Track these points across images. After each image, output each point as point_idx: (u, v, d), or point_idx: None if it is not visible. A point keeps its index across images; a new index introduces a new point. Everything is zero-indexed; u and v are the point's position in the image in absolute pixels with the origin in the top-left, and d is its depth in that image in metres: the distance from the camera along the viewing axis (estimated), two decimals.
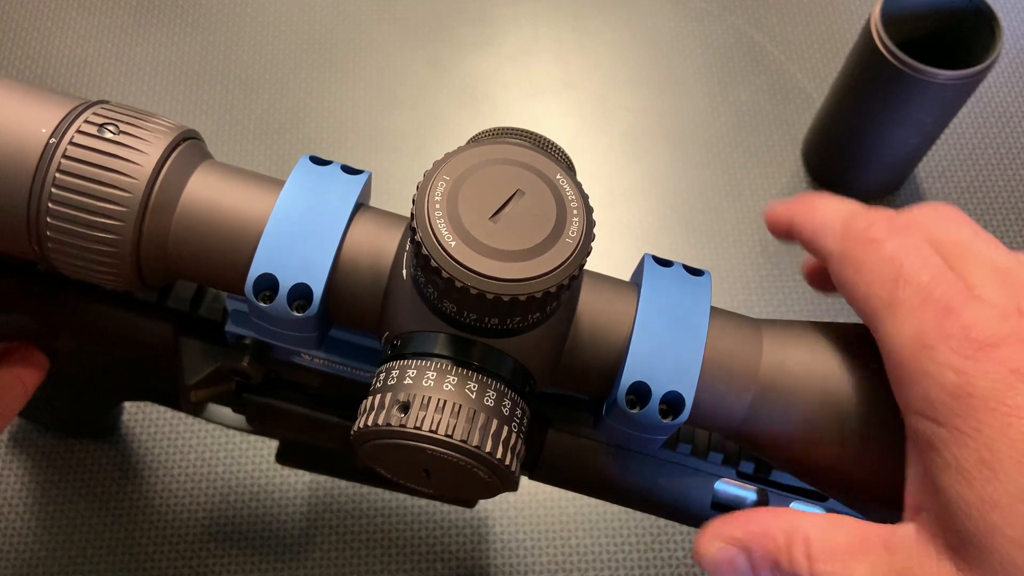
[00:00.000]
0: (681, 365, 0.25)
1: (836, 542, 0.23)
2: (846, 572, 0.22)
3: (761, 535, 0.24)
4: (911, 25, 0.52)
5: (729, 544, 0.25)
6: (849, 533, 0.23)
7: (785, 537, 0.23)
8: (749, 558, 0.24)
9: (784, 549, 0.23)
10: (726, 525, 0.25)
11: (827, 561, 0.22)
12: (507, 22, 0.67)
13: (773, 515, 0.24)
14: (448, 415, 0.23)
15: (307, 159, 0.27)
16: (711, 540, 0.25)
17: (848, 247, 0.25)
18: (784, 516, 0.24)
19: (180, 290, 0.31)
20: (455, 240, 0.22)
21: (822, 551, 0.23)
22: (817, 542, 0.23)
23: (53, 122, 0.25)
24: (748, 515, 0.25)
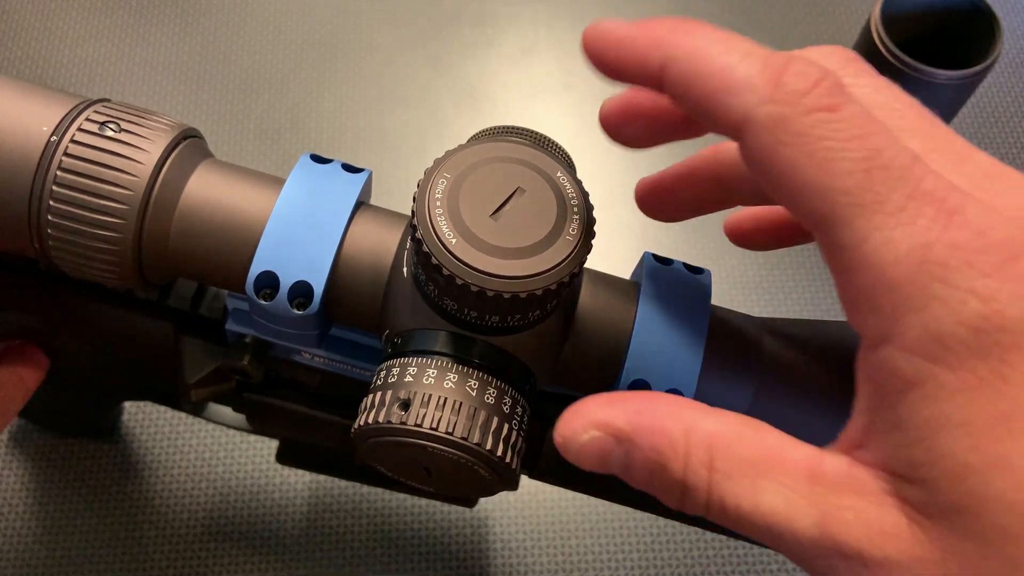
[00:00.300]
0: (681, 363, 0.25)
1: (747, 454, 0.18)
2: (755, 494, 0.18)
3: (652, 431, 0.19)
4: (911, 25, 0.52)
5: (607, 435, 0.19)
6: (764, 446, 0.18)
7: (683, 437, 0.19)
8: (628, 456, 0.19)
9: (680, 453, 0.18)
10: (607, 408, 0.20)
11: (733, 476, 0.18)
12: (507, 22, 0.67)
13: (672, 407, 0.19)
14: (449, 412, 0.23)
15: (308, 157, 0.27)
16: (583, 426, 0.20)
17: (788, 113, 0.17)
18: (685, 410, 0.19)
19: (180, 288, 0.31)
20: (456, 237, 0.22)
21: (728, 462, 0.18)
22: (723, 450, 0.18)
23: (54, 120, 0.25)
24: (637, 400, 0.20)
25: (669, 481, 0.19)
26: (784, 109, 0.17)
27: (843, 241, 0.17)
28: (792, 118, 0.17)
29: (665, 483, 0.19)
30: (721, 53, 0.18)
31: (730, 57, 0.18)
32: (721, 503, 0.18)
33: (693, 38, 0.19)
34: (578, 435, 0.20)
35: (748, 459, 0.18)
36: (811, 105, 0.17)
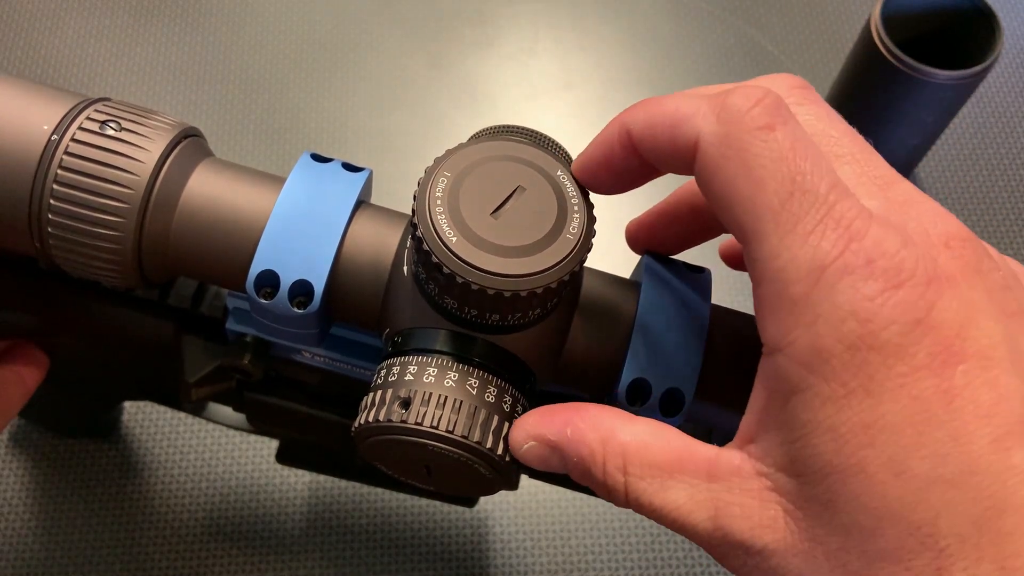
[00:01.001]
0: (681, 362, 0.25)
1: (655, 458, 0.21)
2: (662, 493, 0.20)
3: (575, 442, 0.22)
4: (911, 25, 0.52)
5: (543, 445, 0.22)
6: (670, 449, 0.21)
7: (600, 448, 0.21)
8: (562, 461, 0.22)
9: (599, 461, 0.21)
10: (539, 423, 0.23)
11: (644, 477, 0.21)
12: (507, 22, 0.67)
13: (590, 419, 0.22)
14: (449, 411, 0.23)
15: (308, 156, 0.27)
16: (523, 438, 0.23)
17: (731, 131, 0.19)
18: (602, 421, 0.22)
19: (181, 288, 0.31)
20: (456, 236, 0.22)
21: (639, 466, 0.21)
22: (634, 455, 0.21)
23: (55, 119, 0.25)
24: (564, 415, 0.22)
25: (595, 483, 0.22)
26: (728, 128, 0.19)
27: (759, 254, 0.19)
28: (734, 135, 0.19)
29: (592, 484, 0.22)
30: (669, 101, 0.21)
31: (679, 100, 0.21)
32: (637, 500, 0.21)
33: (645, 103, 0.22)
34: (520, 444, 0.23)
35: (656, 462, 0.21)
36: (750, 123, 0.19)
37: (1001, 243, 0.59)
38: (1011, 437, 0.17)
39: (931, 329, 0.18)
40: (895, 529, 0.17)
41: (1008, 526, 0.17)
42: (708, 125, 0.20)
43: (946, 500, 0.17)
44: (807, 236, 0.18)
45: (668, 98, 0.21)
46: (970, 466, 0.17)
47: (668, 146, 0.21)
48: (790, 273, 0.18)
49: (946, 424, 0.17)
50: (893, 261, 0.18)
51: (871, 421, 0.18)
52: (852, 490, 0.18)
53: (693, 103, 0.20)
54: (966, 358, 0.18)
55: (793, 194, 0.18)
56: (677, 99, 0.21)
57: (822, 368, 0.18)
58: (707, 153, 0.20)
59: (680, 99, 0.21)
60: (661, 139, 0.21)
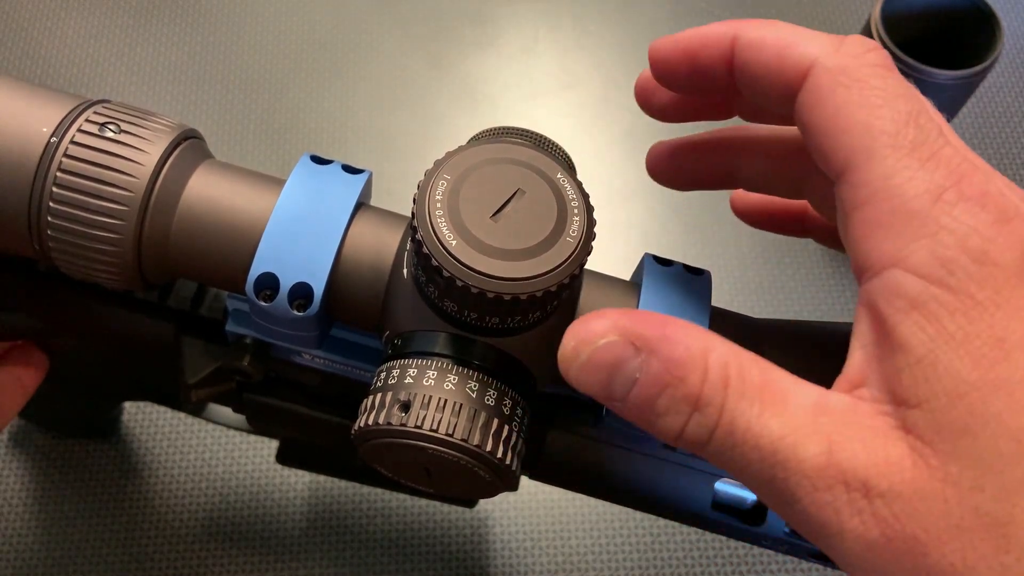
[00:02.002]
0: None
1: (759, 381, 0.19)
2: (764, 417, 0.18)
3: (675, 342, 0.19)
4: (911, 25, 0.52)
5: (628, 341, 0.19)
6: (774, 378, 0.19)
7: (703, 355, 0.19)
8: (642, 367, 0.19)
9: (698, 367, 0.19)
10: (632, 317, 0.19)
11: (743, 398, 0.18)
12: (507, 22, 0.67)
13: (691, 327, 0.20)
14: (449, 414, 0.23)
15: (308, 158, 0.27)
16: (605, 330, 0.19)
17: (852, 64, 0.20)
18: (703, 333, 0.19)
19: (181, 289, 0.31)
20: (456, 239, 0.22)
21: (741, 385, 0.19)
22: (738, 373, 0.19)
23: (54, 121, 0.25)
24: (659, 316, 0.20)
25: (683, 396, 0.19)
26: (848, 60, 0.20)
27: (872, 175, 0.19)
28: (854, 68, 0.20)
29: (675, 400, 0.19)
30: (782, 27, 0.22)
31: (791, 29, 0.21)
32: (732, 422, 0.18)
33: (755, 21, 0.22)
34: (595, 338, 0.19)
35: (760, 384, 0.19)
36: (870, 61, 0.20)
37: None
38: None
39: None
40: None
41: None
42: (827, 54, 0.20)
43: None
44: (924, 162, 0.19)
45: (783, 24, 0.22)
46: None
47: (773, 64, 0.21)
48: (907, 189, 0.18)
49: None
50: (1001, 200, 0.18)
51: (1004, 335, 0.17)
52: (993, 409, 0.17)
53: (810, 34, 0.21)
54: None
55: (909, 124, 0.19)
56: (793, 27, 0.22)
57: (949, 278, 0.18)
58: (822, 80, 0.20)
59: (796, 28, 0.22)
60: (768, 54, 0.21)
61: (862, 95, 0.20)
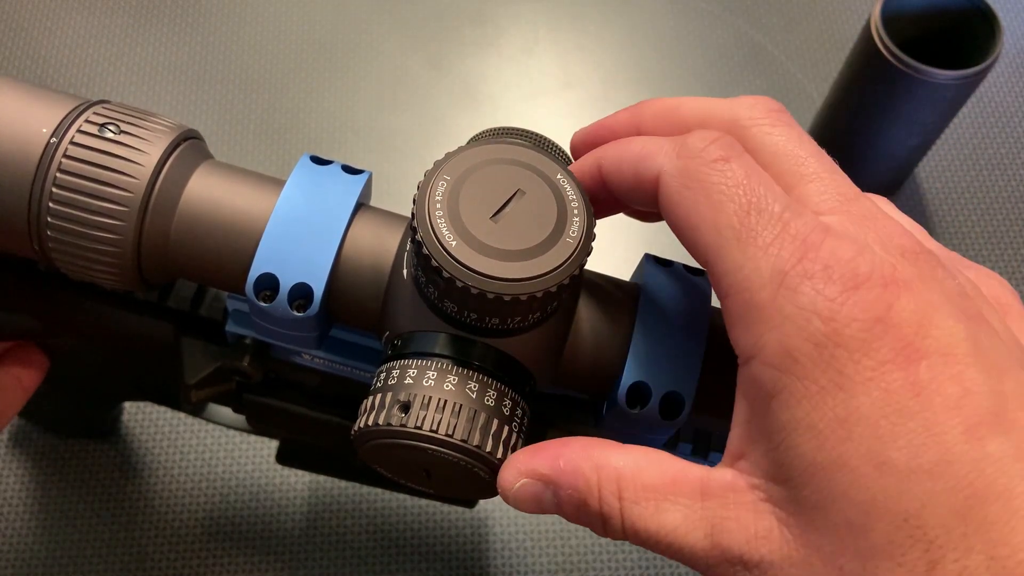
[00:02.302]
0: (681, 365, 0.25)
1: (649, 481, 0.21)
2: (657, 515, 0.20)
3: (569, 472, 0.22)
4: (911, 25, 0.52)
5: (534, 480, 0.22)
6: (663, 472, 0.21)
7: (596, 475, 0.21)
8: (555, 496, 0.22)
9: (594, 488, 0.21)
10: (532, 458, 0.22)
11: (639, 502, 0.21)
12: (507, 22, 0.67)
13: (583, 449, 0.22)
14: (449, 415, 0.23)
15: (308, 159, 0.27)
16: (515, 476, 0.22)
17: (690, 165, 0.21)
18: (595, 450, 0.22)
19: (180, 290, 0.31)
20: (456, 239, 0.22)
21: (634, 491, 0.21)
22: (629, 481, 0.21)
23: (54, 122, 0.25)
24: (556, 448, 0.22)
25: (591, 514, 0.21)
26: (687, 162, 0.21)
27: (724, 268, 0.20)
28: (693, 168, 0.21)
29: (588, 516, 0.22)
30: (637, 141, 0.23)
31: (644, 141, 0.23)
32: (633, 527, 0.21)
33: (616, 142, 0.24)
34: (512, 484, 0.23)
35: (650, 485, 0.21)
36: (707, 157, 0.21)
37: (1001, 243, 0.59)
38: (983, 427, 0.18)
39: (891, 327, 0.18)
40: (883, 522, 0.18)
41: (992, 515, 0.17)
42: (669, 161, 0.22)
43: (928, 490, 0.17)
44: (767, 248, 0.20)
45: (635, 139, 0.24)
46: (946, 456, 0.17)
47: (632, 181, 0.23)
48: (754, 281, 0.19)
49: (918, 415, 0.18)
50: (849, 266, 0.19)
51: (846, 415, 0.18)
52: (838, 486, 0.18)
53: (656, 143, 0.23)
54: (928, 354, 0.18)
55: (750, 213, 0.20)
56: (643, 140, 0.23)
57: (793, 367, 0.19)
58: (669, 185, 0.22)
59: (646, 140, 0.23)
60: (627, 174, 0.23)
61: (704, 194, 0.21)
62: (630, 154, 0.23)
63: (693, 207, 0.21)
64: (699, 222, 0.21)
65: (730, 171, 0.21)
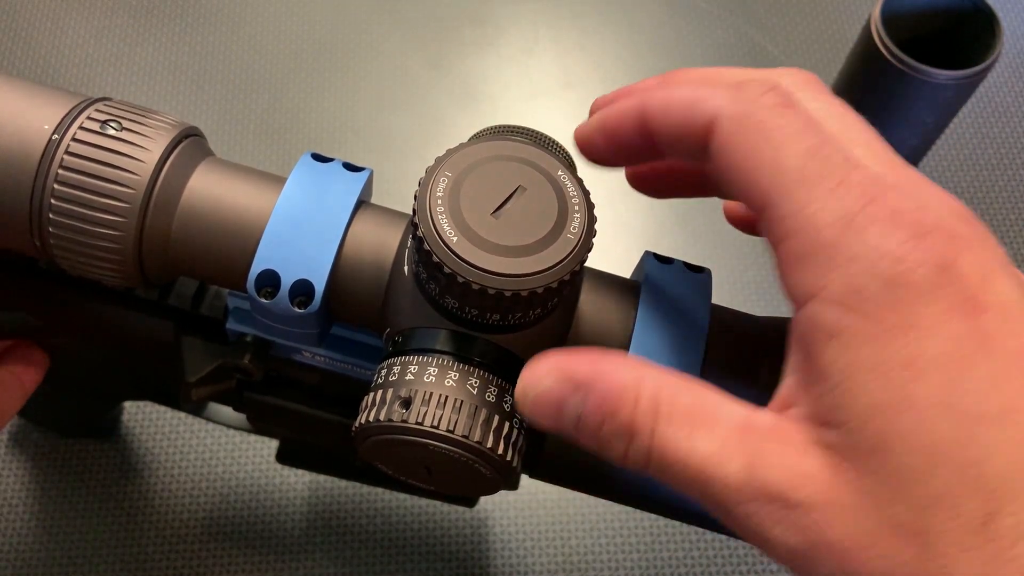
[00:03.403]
0: (681, 362, 0.25)
1: (688, 404, 0.20)
2: (691, 440, 0.19)
3: (607, 378, 0.21)
4: (911, 25, 0.52)
5: (567, 381, 0.21)
6: (705, 399, 0.20)
7: (634, 385, 0.20)
8: (583, 403, 0.21)
9: (629, 398, 0.20)
10: (568, 357, 0.21)
11: (674, 421, 0.20)
12: (507, 22, 0.67)
13: (625, 360, 0.21)
14: (449, 411, 0.23)
15: (309, 156, 0.27)
16: (546, 372, 0.21)
17: (750, 109, 0.21)
18: (637, 363, 0.21)
19: (181, 287, 0.31)
20: (457, 236, 0.22)
21: (671, 409, 0.20)
22: (667, 398, 0.20)
23: (56, 119, 0.25)
24: (591, 354, 0.21)
25: (618, 427, 0.20)
26: (745, 107, 0.21)
27: (785, 210, 0.20)
28: (753, 112, 0.21)
29: (614, 430, 0.20)
30: (684, 86, 0.23)
31: (693, 86, 0.22)
32: (662, 448, 0.20)
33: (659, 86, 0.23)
34: (539, 380, 0.21)
35: (688, 408, 0.20)
36: (767, 103, 0.21)
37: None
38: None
39: (957, 277, 0.18)
40: (946, 469, 0.17)
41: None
42: (727, 104, 0.21)
43: (993, 438, 0.17)
44: (833, 191, 0.19)
45: (686, 83, 0.23)
46: (1010, 405, 0.17)
47: (682, 125, 0.22)
48: (820, 220, 0.19)
49: (983, 363, 0.18)
50: (915, 215, 0.19)
51: (914, 356, 0.18)
52: (902, 428, 0.18)
53: (709, 89, 0.22)
54: (989, 308, 0.18)
55: (814, 157, 0.20)
56: (694, 85, 0.22)
57: (861, 306, 0.18)
58: (726, 129, 0.21)
59: (697, 85, 0.22)
60: (676, 118, 0.22)
61: (764, 136, 0.20)
62: (681, 97, 0.22)
63: (753, 150, 0.20)
64: (759, 165, 0.20)
65: (792, 115, 0.20)
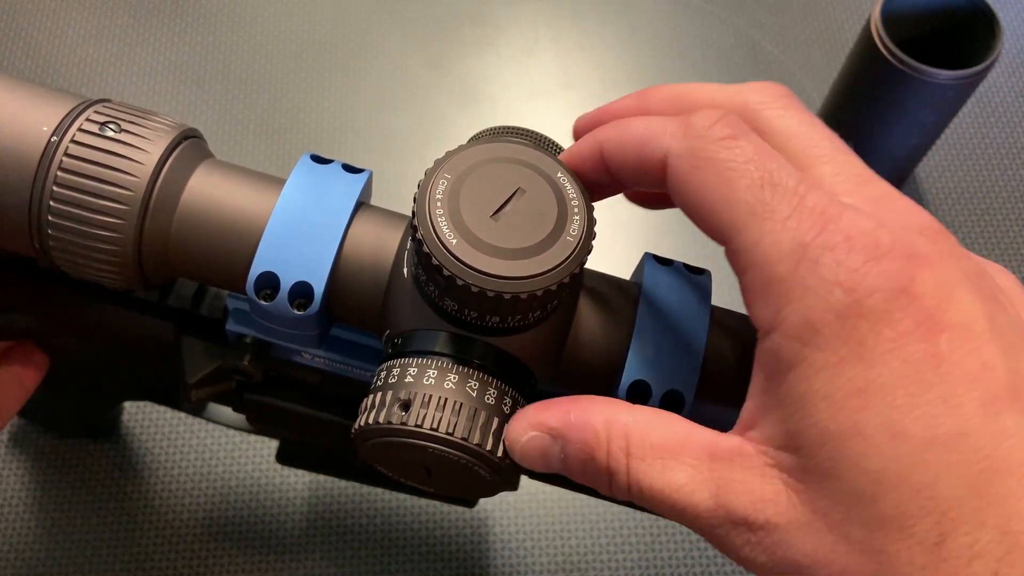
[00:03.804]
0: (681, 364, 0.25)
1: (658, 440, 0.21)
2: (664, 473, 0.20)
3: (579, 426, 0.22)
4: (911, 25, 0.52)
5: (543, 433, 0.22)
6: (672, 432, 0.21)
7: (605, 429, 0.21)
8: (563, 451, 0.22)
9: (603, 443, 0.21)
10: (542, 412, 0.23)
11: (646, 459, 0.21)
12: (507, 22, 0.67)
13: (593, 405, 0.22)
14: (449, 413, 0.23)
15: (308, 157, 0.27)
16: (524, 429, 0.23)
17: (698, 145, 0.21)
18: (606, 407, 0.22)
19: (181, 288, 0.31)
20: (456, 238, 0.22)
21: (642, 448, 0.21)
22: (637, 438, 0.21)
23: (55, 120, 0.25)
24: (567, 403, 0.23)
25: (597, 469, 0.22)
26: (694, 142, 0.21)
27: (741, 245, 0.20)
28: (701, 147, 0.21)
29: (594, 471, 0.22)
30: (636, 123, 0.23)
31: (645, 123, 0.23)
32: (638, 484, 0.21)
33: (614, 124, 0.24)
34: (520, 436, 0.23)
35: (658, 444, 0.21)
36: (714, 136, 0.21)
37: (1001, 243, 0.59)
38: (1000, 402, 0.18)
39: (914, 298, 0.18)
40: (896, 493, 0.17)
41: (1005, 489, 0.17)
42: (676, 141, 0.21)
43: (943, 462, 0.17)
44: (785, 221, 0.19)
45: (636, 120, 0.23)
46: (962, 428, 0.17)
47: (637, 163, 0.23)
48: (772, 255, 0.19)
49: (936, 387, 0.18)
50: (871, 238, 0.19)
51: (864, 385, 0.18)
52: (851, 454, 0.18)
53: (659, 123, 0.22)
54: (949, 327, 0.18)
55: (764, 188, 0.20)
56: (645, 120, 0.23)
57: (814, 338, 0.19)
58: (677, 166, 0.21)
59: (648, 120, 0.23)
60: (630, 157, 0.23)
61: (714, 172, 0.20)
62: (633, 135, 0.23)
63: (704, 187, 0.21)
64: (712, 201, 0.21)
65: (739, 148, 0.20)
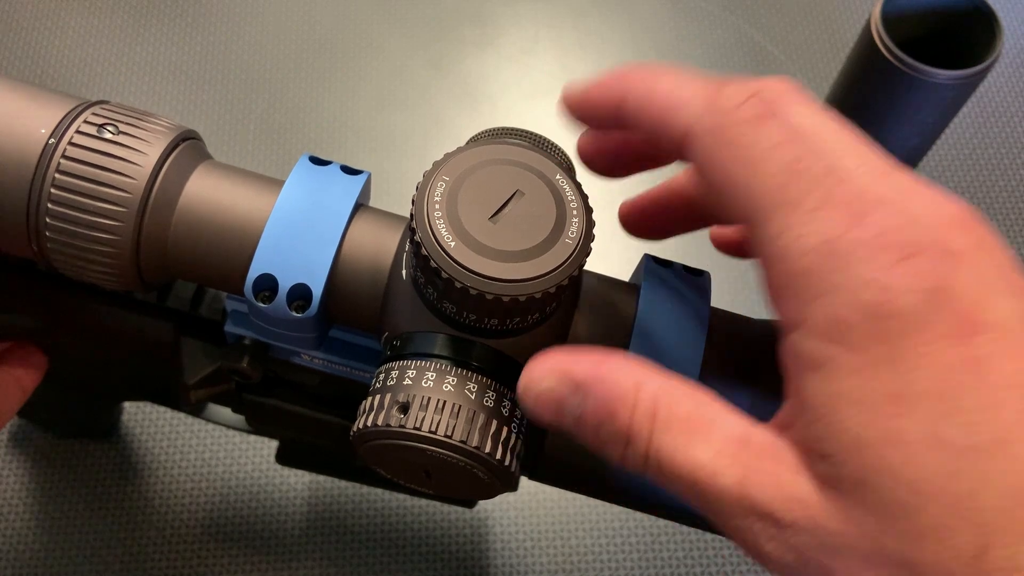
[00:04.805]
0: (681, 366, 0.25)
1: (686, 413, 0.20)
2: (688, 449, 0.19)
3: (606, 381, 0.20)
4: (911, 25, 0.52)
5: (567, 382, 0.21)
6: (705, 409, 0.20)
7: (634, 390, 0.20)
8: (581, 404, 0.20)
9: (628, 405, 0.20)
10: (568, 358, 0.21)
11: (671, 429, 0.19)
12: (507, 22, 0.67)
13: (627, 363, 0.20)
14: (448, 416, 0.23)
15: (307, 159, 0.27)
16: (546, 373, 0.21)
17: (722, 122, 0.20)
18: (638, 368, 0.20)
19: (180, 290, 0.31)
20: (454, 240, 0.22)
21: (668, 418, 0.19)
22: (666, 406, 0.20)
23: (52, 122, 0.25)
24: (598, 355, 0.21)
25: (615, 430, 0.20)
26: (719, 119, 0.20)
27: (765, 235, 0.19)
28: (726, 127, 0.20)
29: (611, 432, 0.20)
30: (666, 82, 0.22)
31: (674, 84, 0.21)
32: (658, 453, 0.19)
33: (644, 74, 0.22)
34: (539, 381, 0.21)
35: (686, 417, 0.20)
36: (741, 116, 0.20)
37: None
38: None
39: (950, 299, 0.17)
40: (936, 503, 0.17)
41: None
42: (701, 118, 0.20)
43: (983, 470, 0.16)
44: (812, 212, 0.18)
45: (664, 78, 0.22)
46: (1003, 435, 0.17)
47: (656, 125, 0.22)
48: (799, 248, 0.18)
49: (975, 392, 0.17)
50: (903, 234, 0.18)
51: (899, 391, 0.17)
52: (889, 463, 0.17)
53: (688, 90, 0.21)
54: (985, 329, 0.17)
55: (792, 176, 0.19)
56: (673, 82, 0.21)
57: (843, 338, 0.18)
58: (700, 144, 0.20)
59: (678, 81, 0.21)
60: (652, 117, 0.22)
61: (739, 156, 0.19)
62: (660, 97, 0.21)
63: (728, 169, 0.19)
64: (735, 185, 0.19)
65: (767, 130, 0.19)
